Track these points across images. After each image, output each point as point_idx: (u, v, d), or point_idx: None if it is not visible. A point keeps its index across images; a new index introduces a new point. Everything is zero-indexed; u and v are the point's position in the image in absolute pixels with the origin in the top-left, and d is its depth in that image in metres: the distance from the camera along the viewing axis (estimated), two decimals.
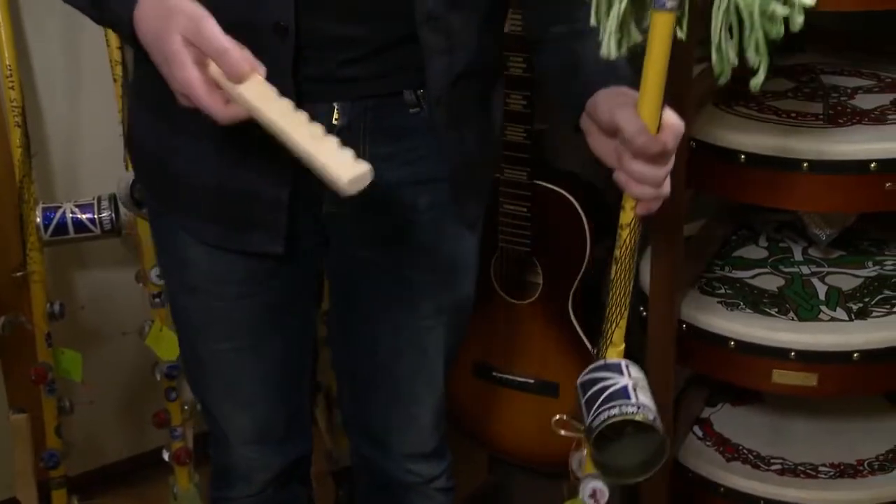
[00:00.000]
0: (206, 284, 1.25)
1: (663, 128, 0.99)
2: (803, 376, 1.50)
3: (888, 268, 1.69)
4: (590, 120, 1.06)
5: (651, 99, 0.98)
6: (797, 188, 1.42)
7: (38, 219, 1.73)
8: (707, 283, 1.65)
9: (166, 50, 0.97)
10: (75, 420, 1.90)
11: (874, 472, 1.66)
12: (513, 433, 1.87)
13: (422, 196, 1.21)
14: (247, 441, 1.36)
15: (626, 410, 1.03)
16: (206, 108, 0.97)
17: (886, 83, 1.64)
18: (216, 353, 1.30)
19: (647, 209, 1.04)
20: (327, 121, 1.12)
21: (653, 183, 1.01)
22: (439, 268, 1.27)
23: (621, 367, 1.08)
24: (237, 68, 0.95)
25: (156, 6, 0.99)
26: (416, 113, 1.16)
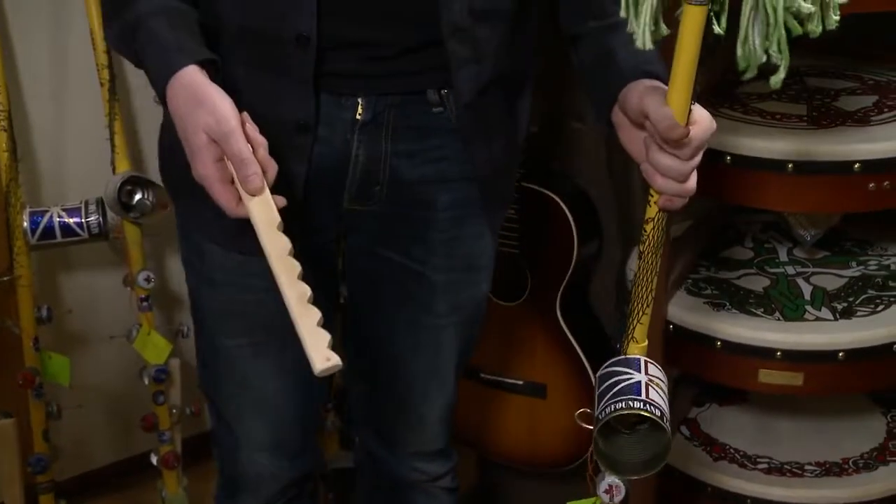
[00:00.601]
0: (230, 277, 1.24)
1: (692, 122, 0.99)
2: (789, 376, 1.51)
3: (871, 268, 1.71)
4: (621, 112, 1.06)
5: (680, 90, 0.97)
6: (783, 189, 1.43)
7: (25, 223, 1.73)
8: (693, 284, 1.66)
9: (191, 141, 1.02)
10: (62, 424, 1.89)
11: (859, 470, 1.68)
12: (501, 434, 1.88)
13: (443, 194, 1.22)
14: (259, 447, 1.34)
15: (632, 405, 1.04)
16: (218, 200, 1.02)
17: (869, 85, 1.65)
18: (234, 349, 1.28)
19: (669, 204, 1.03)
20: (351, 115, 1.13)
21: (677, 176, 1.01)
22: (457, 267, 1.27)
23: (639, 363, 1.09)
24: (252, 183, 1.00)
25: (188, 90, 1.02)
26: (439, 112, 1.17)
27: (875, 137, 1.44)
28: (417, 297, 1.25)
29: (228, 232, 1.19)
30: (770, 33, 0.91)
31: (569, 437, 1.79)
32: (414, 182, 1.19)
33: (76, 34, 1.77)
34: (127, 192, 1.73)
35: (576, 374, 1.77)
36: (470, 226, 1.25)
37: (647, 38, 0.95)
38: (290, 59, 1.08)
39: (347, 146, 1.14)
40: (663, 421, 1.05)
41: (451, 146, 1.19)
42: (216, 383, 1.33)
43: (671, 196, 1.03)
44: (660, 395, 1.07)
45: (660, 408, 1.05)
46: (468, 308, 1.32)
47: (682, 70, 0.96)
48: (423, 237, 1.24)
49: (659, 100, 0.99)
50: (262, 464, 1.35)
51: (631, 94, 1.04)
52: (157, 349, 1.83)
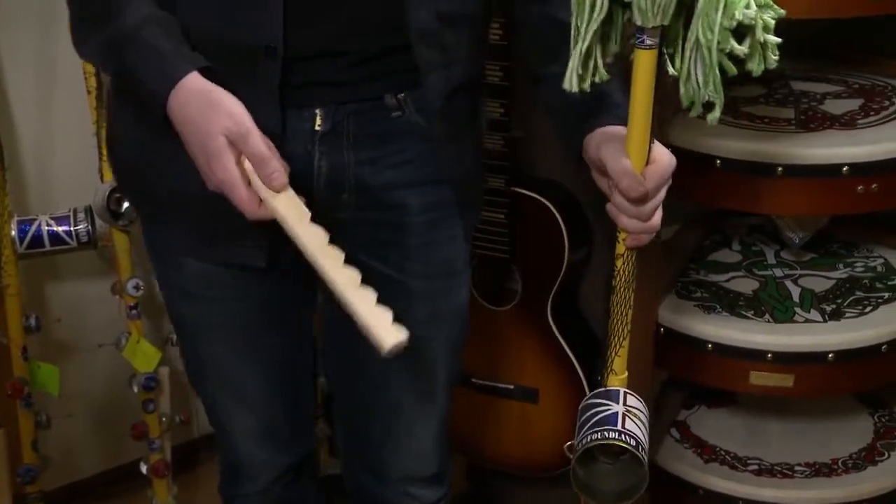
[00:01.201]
0: (200, 290, 1.25)
1: (651, 162, 1.01)
2: (780, 377, 1.52)
3: (858, 269, 1.72)
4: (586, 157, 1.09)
5: (637, 136, 1.00)
6: (772, 192, 1.44)
7: (13, 231, 1.72)
8: (683, 287, 1.67)
9: (209, 146, 1.01)
10: (51, 434, 1.88)
11: (848, 470, 1.69)
12: (492, 439, 1.88)
13: (413, 198, 1.21)
14: (251, 440, 1.36)
15: (608, 435, 1.07)
16: (240, 205, 1.03)
17: (854, 89, 1.67)
18: (217, 356, 1.30)
19: (636, 242, 1.06)
20: (310, 126, 1.13)
21: (639, 217, 1.04)
22: (434, 273, 1.27)
23: (619, 395, 1.11)
24: (277, 180, 1.02)
25: (198, 95, 1.02)
26: (398, 117, 1.16)
27: (862, 140, 1.45)
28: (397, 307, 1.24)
29: (202, 244, 1.20)
30: (706, 74, 0.93)
31: (560, 442, 1.78)
32: (380, 188, 1.19)
33: (63, 42, 1.73)
34: (115, 200, 1.72)
35: (567, 378, 1.77)
36: (444, 229, 1.25)
37: (573, 82, 0.97)
38: (257, 70, 1.07)
39: (309, 157, 1.13)
40: (638, 451, 1.07)
41: (413, 150, 1.18)
42: (202, 384, 1.36)
43: (637, 235, 1.05)
44: (637, 426, 1.09)
45: (635, 437, 1.08)
46: (449, 318, 1.31)
47: (639, 113, 0.98)
48: (398, 242, 1.23)
49: (616, 151, 1.01)
50: (256, 454, 1.38)
51: (590, 146, 1.06)
52: (147, 357, 1.83)
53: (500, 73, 1.61)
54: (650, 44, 0.94)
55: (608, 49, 0.97)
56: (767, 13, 0.92)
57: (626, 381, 1.13)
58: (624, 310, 1.09)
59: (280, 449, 1.38)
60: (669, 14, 0.92)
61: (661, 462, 1.72)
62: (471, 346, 1.81)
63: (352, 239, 1.20)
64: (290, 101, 1.10)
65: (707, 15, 0.90)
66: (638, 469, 1.08)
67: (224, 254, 1.20)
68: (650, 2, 0.91)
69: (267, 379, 1.33)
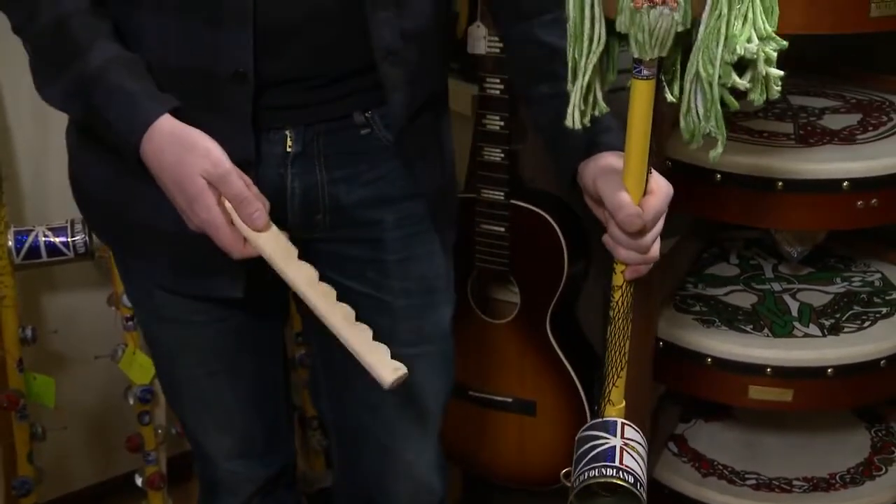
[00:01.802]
0: (173, 313, 1.25)
1: (648, 193, 1.00)
2: (779, 392, 1.52)
3: (856, 284, 1.73)
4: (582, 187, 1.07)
5: (635, 167, 0.98)
6: (772, 207, 1.44)
7: (10, 242, 1.71)
8: (682, 301, 1.67)
9: (189, 189, 1.00)
10: (46, 445, 1.87)
11: (846, 485, 1.69)
12: (490, 452, 1.88)
13: (388, 214, 1.21)
14: (229, 457, 1.37)
15: (605, 472, 1.05)
16: (224, 246, 1.02)
17: (852, 104, 1.68)
18: (191, 378, 1.30)
19: (635, 273, 1.05)
20: (281, 148, 1.12)
21: (638, 249, 1.02)
22: (414, 290, 1.26)
23: (616, 427, 1.10)
24: (259, 220, 1.02)
25: (171, 138, 1.01)
26: (367, 134, 1.16)
27: (862, 156, 1.46)
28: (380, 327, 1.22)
29: (175, 277, 1.20)
30: (707, 108, 0.92)
31: (558, 455, 1.80)
32: (355, 206, 1.18)
33: None
34: None
35: (565, 391, 1.77)
36: (421, 244, 1.25)
37: (575, 118, 0.95)
38: (227, 97, 1.06)
39: (282, 180, 1.13)
40: (636, 487, 1.06)
41: (384, 166, 1.18)
42: (178, 403, 1.36)
43: (636, 266, 1.04)
44: (635, 460, 1.08)
45: (634, 474, 1.06)
46: (435, 338, 1.30)
47: (635, 143, 0.97)
48: (376, 259, 1.23)
49: (614, 184, 1.00)
50: (234, 469, 1.38)
51: (586, 176, 1.05)
52: (143, 369, 1.81)
53: (499, 87, 1.62)
54: (647, 74, 0.93)
55: (606, 80, 0.96)
56: (769, 45, 0.90)
57: (624, 411, 1.11)
58: (621, 341, 1.08)
59: (258, 462, 1.38)
60: (667, 46, 0.90)
61: (658, 476, 1.72)
62: (469, 358, 1.83)
63: (329, 260, 1.20)
64: (260, 125, 1.09)
65: (707, 48, 0.89)
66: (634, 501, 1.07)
67: (200, 286, 1.19)
68: (647, 35, 0.89)
69: (242, 397, 1.33)
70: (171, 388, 1.35)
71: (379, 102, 1.14)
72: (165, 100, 1.03)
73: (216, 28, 1.03)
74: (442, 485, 1.38)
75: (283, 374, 1.40)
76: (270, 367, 1.35)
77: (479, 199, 1.69)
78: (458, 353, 1.79)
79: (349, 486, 1.41)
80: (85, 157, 1.19)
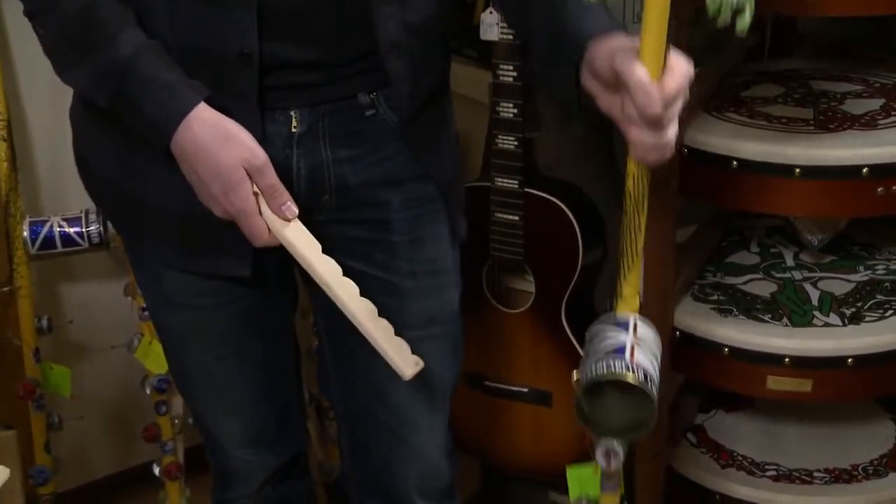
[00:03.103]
0: (182, 298, 1.25)
1: (668, 71, 0.93)
2: (798, 382, 1.50)
3: (879, 272, 1.69)
4: (592, 78, 1.00)
5: (652, 42, 0.91)
6: (790, 194, 1.42)
7: (25, 233, 1.72)
8: (700, 290, 1.65)
9: (228, 177, 1.03)
10: (63, 435, 1.88)
11: (868, 476, 1.66)
12: (506, 442, 1.87)
13: (394, 195, 1.21)
14: (240, 444, 1.37)
15: (616, 369, 1.00)
16: (252, 233, 1.05)
17: (875, 88, 1.64)
18: (200, 364, 1.31)
19: (647, 156, 0.97)
20: (286, 128, 1.13)
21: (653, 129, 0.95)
22: (421, 272, 1.26)
23: (629, 323, 1.05)
24: (288, 210, 1.06)
25: (213, 127, 1.03)
26: (372, 115, 1.16)
27: (883, 141, 1.42)
28: (389, 309, 1.21)
29: (184, 256, 1.21)
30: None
31: (574, 445, 1.78)
32: (362, 186, 1.19)
33: None
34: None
35: None
36: (428, 225, 1.25)
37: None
38: (233, 78, 1.07)
39: (287, 160, 1.13)
40: (647, 383, 1.00)
41: (390, 147, 1.19)
42: (189, 390, 1.37)
43: (647, 150, 0.96)
44: (647, 357, 1.02)
45: (644, 370, 1.00)
46: (444, 320, 1.29)
47: (653, 17, 0.90)
48: (383, 241, 1.23)
49: (630, 59, 0.93)
50: (247, 459, 1.38)
51: (599, 58, 0.97)
52: (159, 359, 1.81)
53: (513, 73, 1.60)
54: None
55: None
56: None
57: (638, 307, 1.07)
58: (634, 233, 1.03)
59: (269, 450, 1.39)
60: None
61: (677, 467, 1.70)
62: (484, 348, 1.81)
63: (337, 242, 1.20)
64: (265, 104, 1.11)
65: None
66: (647, 404, 1.02)
67: (208, 264, 1.20)
68: None
69: (252, 383, 1.33)
70: (181, 374, 1.35)
71: (384, 84, 1.14)
72: (200, 88, 1.05)
73: (222, 9, 1.05)
74: (450, 470, 1.37)
75: (293, 362, 1.40)
76: (279, 354, 1.36)
77: (493, 187, 1.68)
78: (474, 342, 1.79)
79: (358, 470, 1.40)
80: (93, 138, 1.20)
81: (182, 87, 1.04)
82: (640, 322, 1.06)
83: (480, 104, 1.76)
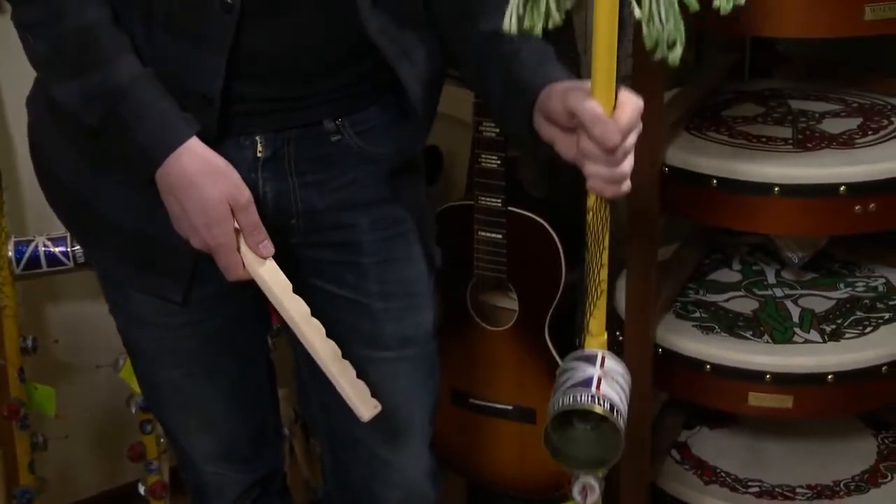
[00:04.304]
0: (149, 316, 1.26)
1: (619, 106, 0.96)
2: (779, 398, 1.51)
3: (859, 289, 1.71)
4: (547, 123, 1.01)
5: (602, 81, 0.94)
6: (769, 212, 1.43)
7: (11, 252, 1.72)
8: (682, 307, 1.66)
9: (213, 213, 1.04)
10: (48, 455, 1.87)
11: (850, 492, 1.67)
12: (491, 460, 1.87)
13: (362, 217, 1.23)
14: (211, 459, 1.37)
15: (580, 399, 1.01)
16: (227, 266, 1.07)
17: (853, 108, 1.66)
18: (170, 381, 1.31)
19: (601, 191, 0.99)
20: (252, 153, 1.14)
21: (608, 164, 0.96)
22: (392, 293, 1.27)
23: (596, 357, 1.06)
24: (265, 248, 1.07)
25: (203, 161, 1.05)
26: (337, 140, 1.18)
27: (860, 160, 1.44)
28: (361, 331, 1.24)
29: (125, 271, 1.22)
30: (666, 9, 0.89)
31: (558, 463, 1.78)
32: (329, 209, 1.20)
33: None
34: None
35: None
36: (399, 247, 1.26)
37: (512, 22, 0.91)
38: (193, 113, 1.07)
39: (254, 184, 1.14)
40: (613, 414, 1.01)
41: (357, 170, 1.20)
42: (160, 408, 1.37)
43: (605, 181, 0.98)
44: (614, 389, 1.03)
45: (610, 401, 1.01)
46: (418, 341, 1.30)
47: (602, 57, 0.93)
48: (353, 262, 1.24)
49: (585, 97, 0.95)
50: (218, 473, 1.38)
51: (552, 99, 0.99)
52: None
53: None
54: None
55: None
56: None
57: (606, 343, 1.08)
58: (597, 268, 1.04)
59: (243, 466, 1.39)
60: None
61: (661, 483, 1.71)
62: (468, 366, 1.82)
63: (308, 265, 1.22)
64: (230, 130, 1.12)
65: None
66: (614, 436, 1.02)
67: (149, 284, 1.22)
68: None
69: (224, 400, 1.33)
70: (151, 391, 1.35)
71: (349, 110, 1.16)
72: (192, 121, 1.06)
73: (196, 49, 1.06)
74: (434, 491, 1.37)
75: (267, 379, 1.40)
76: (252, 371, 1.36)
77: (476, 205, 1.69)
78: (458, 360, 1.80)
79: (340, 490, 1.41)
80: (56, 138, 1.20)
81: (176, 118, 1.05)
82: (608, 356, 1.07)
83: (464, 123, 1.78)
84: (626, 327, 1.56)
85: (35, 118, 1.24)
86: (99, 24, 1.05)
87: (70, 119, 1.09)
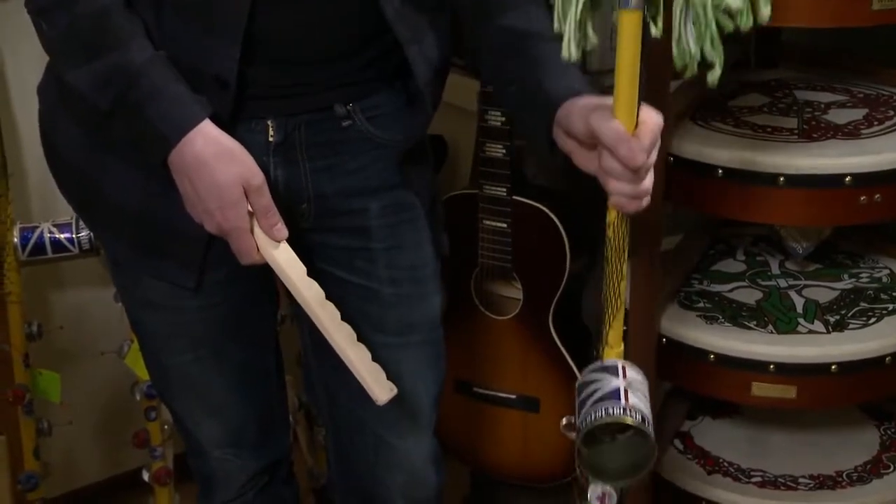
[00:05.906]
0: (161, 299, 1.26)
1: (641, 124, 0.97)
2: (782, 389, 1.51)
3: (863, 280, 1.71)
4: (566, 136, 1.03)
5: (625, 100, 0.96)
6: (774, 202, 1.43)
7: (16, 239, 1.72)
8: (686, 297, 1.66)
9: (227, 194, 1.04)
10: (52, 441, 1.88)
11: (853, 483, 1.68)
12: (494, 448, 1.87)
13: (372, 202, 1.23)
14: (219, 445, 1.38)
15: (613, 412, 1.02)
16: (241, 249, 1.07)
17: (858, 98, 1.66)
18: (180, 365, 1.31)
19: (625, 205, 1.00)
20: (263, 137, 1.15)
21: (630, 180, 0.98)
22: (401, 279, 1.27)
23: (617, 368, 1.07)
24: (280, 232, 1.07)
25: (216, 144, 1.05)
26: (348, 125, 1.18)
27: (866, 150, 1.44)
28: (369, 316, 1.24)
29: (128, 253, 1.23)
30: (702, 32, 0.90)
31: (562, 451, 1.79)
32: (339, 195, 1.21)
33: None
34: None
35: (569, 387, 1.75)
36: (408, 233, 1.26)
37: (572, 49, 0.94)
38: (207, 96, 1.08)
39: (265, 168, 1.14)
40: (645, 425, 1.02)
41: (367, 156, 1.21)
42: (169, 393, 1.37)
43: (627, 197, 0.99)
44: (640, 399, 1.05)
45: (641, 412, 1.03)
46: (424, 328, 1.31)
47: (626, 77, 0.95)
48: (362, 248, 1.25)
49: (606, 117, 0.96)
50: (226, 459, 1.39)
51: (574, 116, 1.01)
52: None
53: None
54: (634, 5, 0.92)
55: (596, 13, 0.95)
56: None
57: (622, 353, 1.09)
58: (616, 280, 1.05)
59: (250, 453, 1.39)
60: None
61: (664, 473, 1.71)
62: (473, 355, 1.82)
63: (317, 250, 1.22)
64: (242, 114, 1.12)
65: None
66: (645, 443, 1.04)
67: (154, 267, 1.22)
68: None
69: (232, 385, 1.34)
70: (160, 376, 1.36)
71: (360, 96, 1.16)
72: (205, 104, 1.06)
73: (209, 34, 1.07)
74: (438, 477, 1.38)
75: (274, 367, 1.40)
76: (259, 357, 1.36)
77: (481, 194, 1.69)
78: (463, 349, 1.80)
79: (344, 475, 1.41)
80: (66, 124, 1.21)
81: (190, 101, 1.05)
82: (628, 366, 1.08)
83: (469, 112, 1.78)
84: (631, 317, 1.56)
85: (47, 106, 1.24)
86: (112, 8, 1.05)
87: (83, 104, 1.09)
